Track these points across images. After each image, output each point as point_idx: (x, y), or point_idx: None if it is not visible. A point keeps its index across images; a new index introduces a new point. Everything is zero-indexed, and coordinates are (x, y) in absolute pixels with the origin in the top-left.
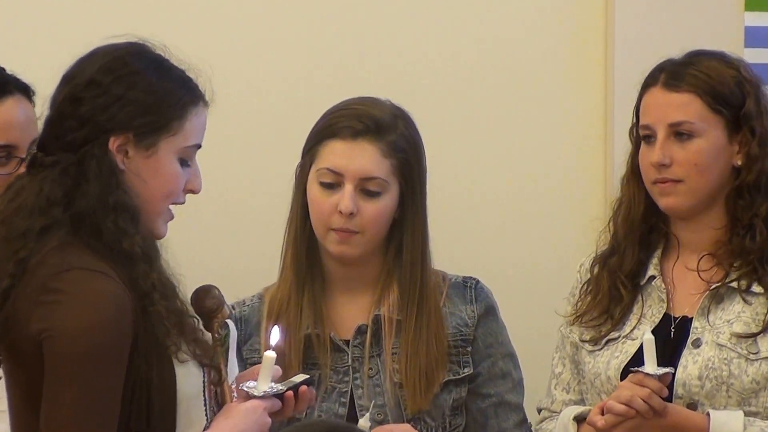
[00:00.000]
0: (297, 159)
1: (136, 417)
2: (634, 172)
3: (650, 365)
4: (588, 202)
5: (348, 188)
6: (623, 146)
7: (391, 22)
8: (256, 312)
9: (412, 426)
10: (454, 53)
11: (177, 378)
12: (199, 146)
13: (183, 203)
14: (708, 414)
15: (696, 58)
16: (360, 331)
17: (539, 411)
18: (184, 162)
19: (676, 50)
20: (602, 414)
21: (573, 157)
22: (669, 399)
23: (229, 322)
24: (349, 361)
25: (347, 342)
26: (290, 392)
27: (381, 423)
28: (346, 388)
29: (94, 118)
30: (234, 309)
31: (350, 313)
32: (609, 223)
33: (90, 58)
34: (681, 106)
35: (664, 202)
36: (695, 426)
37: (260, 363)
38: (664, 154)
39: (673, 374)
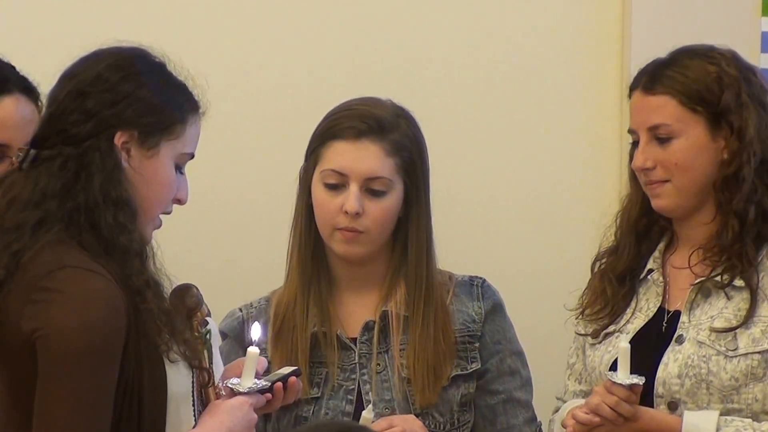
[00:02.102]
0: (301, 161)
1: (127, 416)
2: (632, 172)
3: (623, 372)
4: (601, 201)
5: (353, 188)
6: None
7: (401, 21)
8: (262, 313)
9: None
10: (468, 53)
11: (167, 378)
12: (192, 156)
13: (170, 213)
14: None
15: (677, 56)
16: (367, 327)
17: (558, 400)
18: (178, 169)
19: None
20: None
21: (586, 156)
22: (650, 398)
23: (210, 320)
24: (356, 358)
25: (354, 340)
26: (280, 384)
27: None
28: (353, 385)
29: (100, 113)
30: (241, 311)
31: (357, 311)
32: (615, 220)
33: (95, 56)
34: (657, 108)
35: (654, 204)
36: (668, 429)
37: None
38: (645, 158)
39: (654, 376)
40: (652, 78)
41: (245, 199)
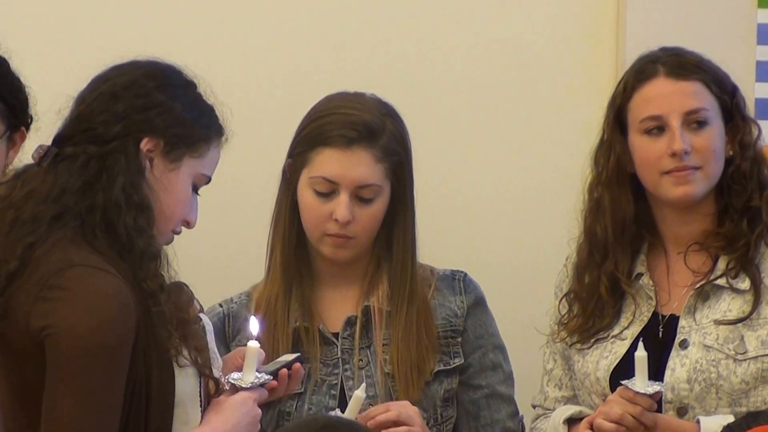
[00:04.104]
0: (281, 155)
1: (134, 418)
2: (620, 172)
3: (641, 381)
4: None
5: (343, 197)
6: None
7: (393, 17)
8: (243, 309)
9: None
10: (458, 48)
11: (176, 380)
12: (209, 180)
13: (178, 233)
14: (698, 421)
15: (679, 50)
16: (349, 322)
17: (534, 407)
18: (194, 189)
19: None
20: (591, 429)
21: (577, 153)
22: (659, 404)
23: (203, 315)
24: (339, 353)
25: (336, 335)
26: (285, 370)
27: None
28: (336, 380)
29: (130, 116)
30: (222, 306)
31: (339, 306)
32: (584, 231)
33: (131, 64)
34: (695, 94)
35: (681, 191)
36: None
37: None
38: (685, 141)
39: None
40: (678, 65)
41: (224, 195)
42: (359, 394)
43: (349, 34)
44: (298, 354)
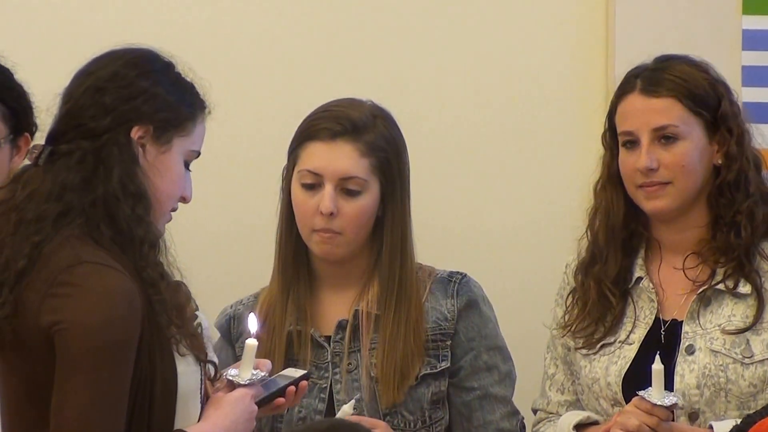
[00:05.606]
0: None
1: (138, 413)
2: (611, 178)
3: (657, 393)
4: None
5: (328, 189)
6: None
7: (388, 26)
8: (248, 311)
9: (389, 420)
10: (454, 56)
11: (178, 373)
12: (198, 154)
13: (175, 210)
14: (711, 427)
15: (667, 62)
16: (340, 326)
17: (535, 412)
18: (185, 166)
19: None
20: None
21: (571, 159)
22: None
23: (200, 314)
24: (329, 357)
25: (328, 338)
26: (292, 387)
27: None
28: (325, 383)
29: (118, 108)
30: (231, 308)
31: (333, 309)
32: (587, 231)
33: (110, 55)
34: (663, 110)
35: (651, 206)
36: None
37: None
38: (651, 159)
39: (671, 388)
40: (652, 81)
41: (234, 198)
42: (347, 410)
43: (344, 40)
44: (306, 372)
